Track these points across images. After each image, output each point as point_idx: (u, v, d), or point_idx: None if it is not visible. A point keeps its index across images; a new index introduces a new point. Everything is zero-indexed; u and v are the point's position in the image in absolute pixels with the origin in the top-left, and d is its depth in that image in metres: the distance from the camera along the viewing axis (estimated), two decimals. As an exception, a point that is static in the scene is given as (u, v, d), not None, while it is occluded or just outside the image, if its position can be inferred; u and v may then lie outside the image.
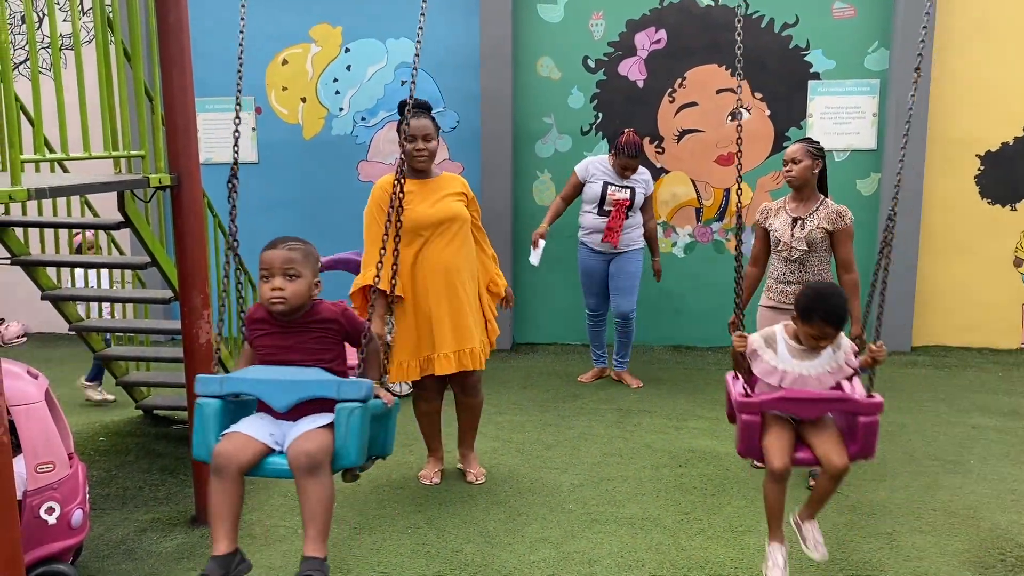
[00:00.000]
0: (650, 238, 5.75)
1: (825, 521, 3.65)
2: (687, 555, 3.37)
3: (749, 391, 3.03)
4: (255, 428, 2.62)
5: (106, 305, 5.27)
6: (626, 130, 5.55)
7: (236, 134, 3.00)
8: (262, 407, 2.69)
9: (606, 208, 5.52)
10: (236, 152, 2.93)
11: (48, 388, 3.07)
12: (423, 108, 3.84)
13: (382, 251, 2.86)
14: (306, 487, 2.52)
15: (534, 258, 5.50)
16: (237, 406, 2.71)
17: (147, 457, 4.50)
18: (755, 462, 3.88)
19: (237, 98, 2.95)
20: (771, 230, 4.13)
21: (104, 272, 5.32)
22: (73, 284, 5.34)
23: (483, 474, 4.17)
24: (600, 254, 5.67)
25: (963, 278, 6.59)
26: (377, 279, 2.90)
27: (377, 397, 2.70)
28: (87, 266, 4.63)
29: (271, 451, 2.61)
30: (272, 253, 2.68)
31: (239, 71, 3.02)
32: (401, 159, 3.16)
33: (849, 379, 3.02)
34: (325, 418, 2.59)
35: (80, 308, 4.73)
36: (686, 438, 4.73)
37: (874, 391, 2.94)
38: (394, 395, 2.89)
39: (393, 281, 3.38)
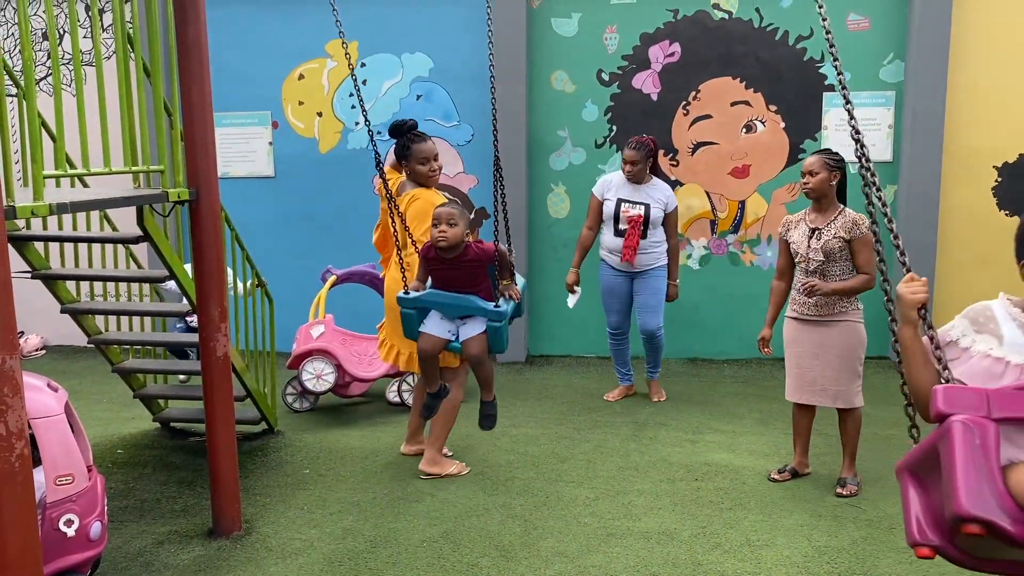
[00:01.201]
0: (670, 259, 5.57)
1: (843, 536, 3.62)
2: (704, 569, 3.35)
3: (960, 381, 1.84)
4: (439, 328, 3.91)
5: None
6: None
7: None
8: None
9: (621, 227, 5.42)
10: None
11: (68, 401, 3.10)
12: (417, 130, 4.41)
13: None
14: (477, 371, 3.96)
15: (571, 302, 5.57)
16: (424, 309, 3.96)
17: (165, 469, 4.52)
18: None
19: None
20: (790, 242, 4.14)
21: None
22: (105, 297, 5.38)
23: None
24: (622, 272, 5.55)
25: (982, 290, 6.51)
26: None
27: (509, 297, 3.93)
28: (107, 279, 4.67)
29: (448, 341, 3.91)
30: (441, 209, 3.83)
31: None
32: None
33: None
34: (481, 324, 3.88)
35: (99, 321, 4.77)
36: (702, 451, 4.71)
37: None
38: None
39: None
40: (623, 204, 5.42)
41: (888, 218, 2.07)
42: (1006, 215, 6.51)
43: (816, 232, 4.06)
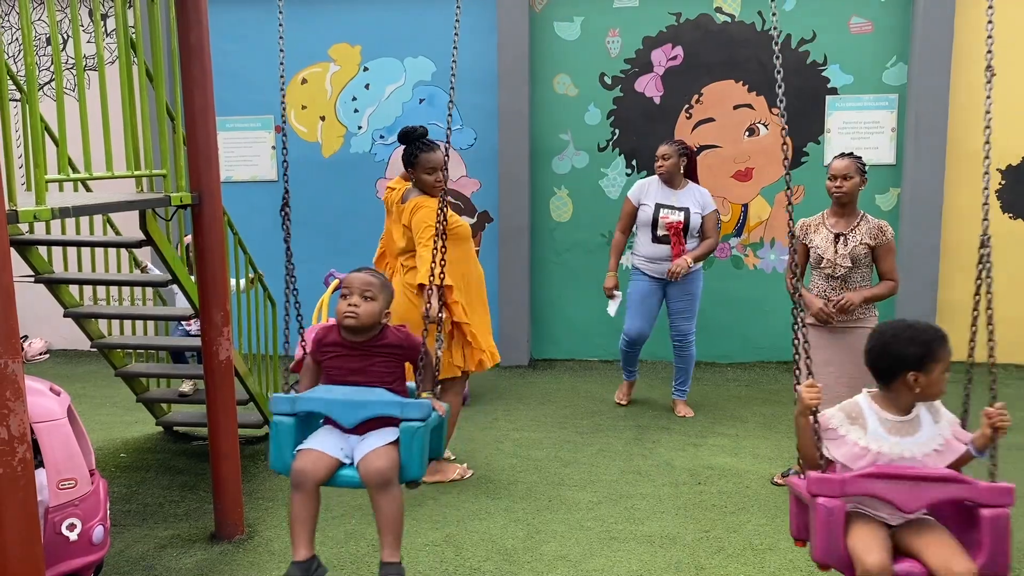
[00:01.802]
0: (703, 249, 5.27)
1: (847, 539, 3.61)
2: (707, 574, 3.34)
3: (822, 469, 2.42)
4: (327, 444, 2.81)
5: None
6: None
7: (285, 164, 3.07)
8: (329, 421, 2.88)
9: (660, 234, 5.21)
10: (286, 182, 3.00)
11: (70, 405, 3.10)
12: (426, 138, 4.29)
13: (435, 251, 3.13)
14: (380, 501, 2.74)
15: (612, 309, 5.38)
16: (306, 420, 2.90)
17: (167, 473, 4.52)
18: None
19: (281, 128, 2.99)
20: (812, 247, 4.09)
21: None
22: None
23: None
24: (656, 280, 5.33)
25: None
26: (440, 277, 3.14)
27: (434, 410, 2.86)
28: (109, 283, 4.68)
29: (342, 464, 2.81)
30: (355, 275, 2.91)
31: (283, 101, 3.03)
32: (442, 196, 3.24)
33: (958, 465, 2.43)
34: (391, 434, 2.79)
35: (102, 325, 4.77)
36: (705, 455, 4.70)
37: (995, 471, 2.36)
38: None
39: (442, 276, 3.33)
40: (662, 210, 5.21)
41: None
42: (1010, 218, 6.49)
43: (841, 237, 4.03)
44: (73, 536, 2.91)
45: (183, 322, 5.20)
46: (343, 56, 7.04)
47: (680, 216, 5.19)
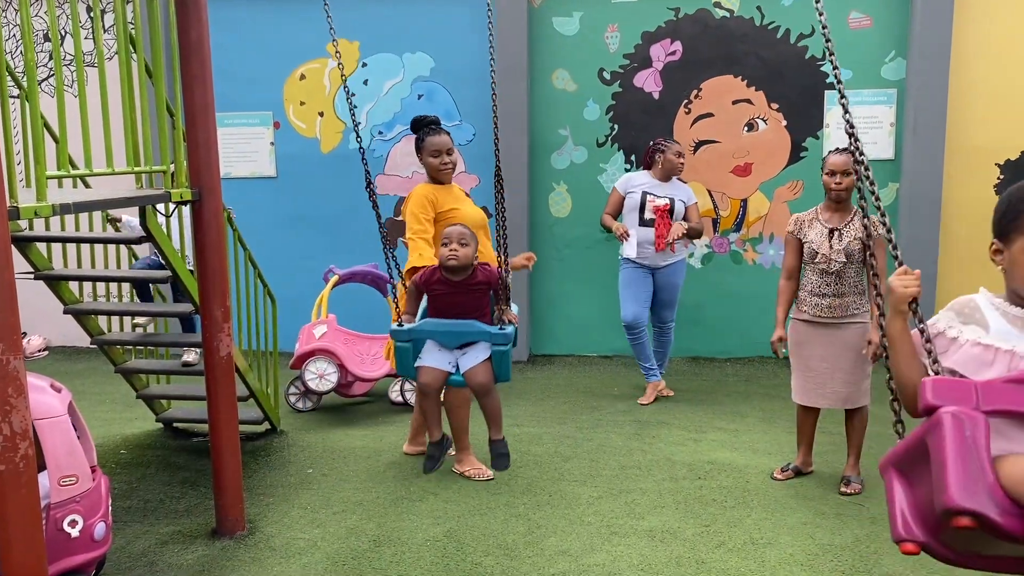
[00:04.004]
0: (693, 231, 5.61)
1: (846, 533, 3.62)
2: (707, 568, 3.35)
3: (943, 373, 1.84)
4: (439, 360, 3.63)
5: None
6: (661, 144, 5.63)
7: (359, 141, 3.04)
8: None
9: (647, 217, 5.53)
10: (364, 160, 2.97)
11: (71, 401, 3.10)
12: (438, 124, 4.36)
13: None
14: (484, 402, 3.70)
15: (631, 250, 5.55)
16: (420, 340, 3.68)
17: (168, 470, 4.53)
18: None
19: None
20: (806, 242, 4.10)
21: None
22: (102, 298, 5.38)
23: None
24: (644, 267, 5.60)
25: (983, 287, 6.53)
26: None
27: (510, 322, 3.65)
28: (109, 280, 4.67)
29: (450, 373, 3.63)
30: (452, 228, 3.69)
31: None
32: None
33: None
34: (483, 350, 3.60)
35: (102, 321, 4.77)
36: (705, 450, 4.71)
37: None
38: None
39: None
40: (649, 196, 5.54)
41: (881, 212, 2.13)
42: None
43: (835, 233, 4.03)
44: (75, 532, 2.92)
45: (153, 254, 4.99)
46: (342, 52, 7.02)
47: (666, 201, 5.52)
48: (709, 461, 4.53)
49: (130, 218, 4.84)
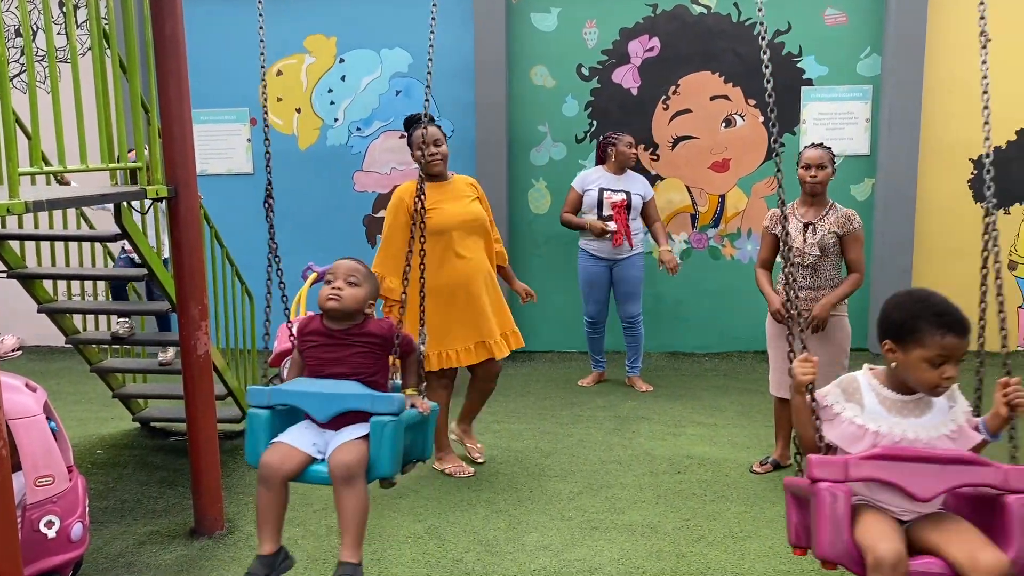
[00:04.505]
0: (656, 233, 5.78)
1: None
2: (687, 561, 3.37)
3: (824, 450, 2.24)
4: (299, 438, 2.72)
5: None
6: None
7: (267, 155, 3.13)
8: (308, 415, 2.78)
9: (605, 213, 5.62)
10: (268, 174, 3.14)
11: (47, 401, 3.06)
12: (431, 120, 4.12)
13: (409, 254, 2.97)
14: (342, 496, 2.62)
15: (614, 227, 5.63)
16: (287, 413, 2.81)
17: (145, 469, 4.48)
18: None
19: (265, 119, 2.96)
20: (780, 236, 4.13)
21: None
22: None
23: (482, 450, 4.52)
24: (602, 260, 5.74)
25: (958, 282, 6.59)
26: (404, 295, 2.98)
27: (413, 407, 2.81)
28: (84, 278, 4.62)
29: (314, 460, 2.71)
30: (341, 262, 2.89)
31: (263, 92, 3.02)
32: (420, 177, 3.13)
33: (977, 449, 2.20)
34: (363, 429, 2.68)
35: (76, 320, 4.71)
36: (684, 444, 4.74)
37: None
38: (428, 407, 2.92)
39: (422, 281, 3.20)
40: (605, 192, 5.64)
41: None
42: (982, 207, 6.57)
43: (810, 226, 4.06)
44: (51, 533, 2.89)
45: (125, 249, 4.92)
46: (319, 47, 6.99)
47: (622, 196, 5.63)
48: (688, 455, 4.55)
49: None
